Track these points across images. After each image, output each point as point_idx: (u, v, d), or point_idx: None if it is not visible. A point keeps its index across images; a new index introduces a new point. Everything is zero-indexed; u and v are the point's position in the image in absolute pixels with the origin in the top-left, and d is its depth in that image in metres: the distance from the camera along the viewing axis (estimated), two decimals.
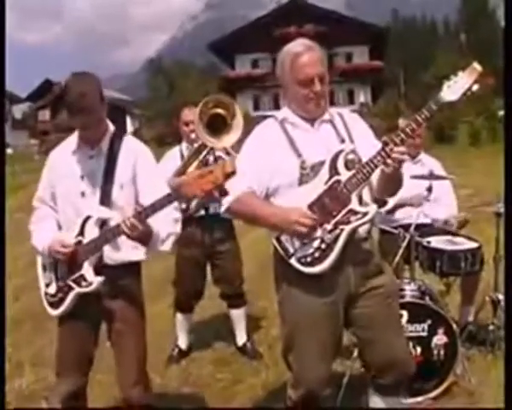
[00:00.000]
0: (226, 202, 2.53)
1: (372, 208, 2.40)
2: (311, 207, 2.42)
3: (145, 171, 2.68)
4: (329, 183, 2.43)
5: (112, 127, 2.72)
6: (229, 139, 3.70)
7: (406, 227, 3.89)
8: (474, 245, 3.86)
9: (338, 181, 2.42)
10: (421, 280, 3.80)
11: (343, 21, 42.56)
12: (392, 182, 2.46)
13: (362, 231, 2.49)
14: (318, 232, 2.41)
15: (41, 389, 3.88)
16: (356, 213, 2.38)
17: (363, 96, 41.85)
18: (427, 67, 40.08)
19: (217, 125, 3.68)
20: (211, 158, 3.96)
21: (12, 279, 6.46)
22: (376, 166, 2.34)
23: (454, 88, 2.28)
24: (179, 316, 4.46)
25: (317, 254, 2.42)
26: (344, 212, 2.39)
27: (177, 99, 31.85)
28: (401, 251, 3.77)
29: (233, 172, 2.30)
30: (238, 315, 4.46)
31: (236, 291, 4.38)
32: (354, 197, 2.39)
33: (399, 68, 45.05)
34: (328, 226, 2.40)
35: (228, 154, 3.97)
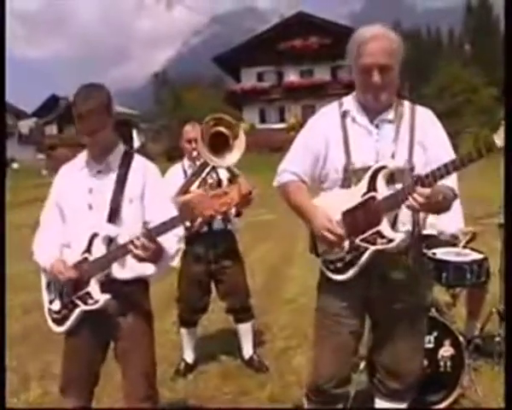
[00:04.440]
0: (277, 181, 2.63)
1: (400, 236, 2.34)
2: (344, 215, 2.43)
3: (153, 189, 2.70)
4: (366, 197, 2.40)
5: (121, 145, 2.74)
6: (231, 158, 3.70)
7: None
8: (479, 257, 3.84)
9: (373, 198, 2.38)
10: None
11: (348, 33, 42.13)
12: (433, 209, 2.37)
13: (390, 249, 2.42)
14: (345, 244, 2.42)
15: (48, 404, 3.87)
16: (382, 236, 2.35)
17: None
18: (432, 79, 40.03)
19: (219, 144, 3.68)
20: (213, 176, 3.97)
21: (22, 293, 6.49)
22: (410, 196, 2.27)
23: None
24: (183, 331, 4.47)
25: (339, 265, 2.47)
26: (372, 231, 2.37)
27: (182, 113, 31.95)
28: None
29: (249, 194, 2.30)
30: (245, 329, 4.45)
31: (243, 306, 4.37)
32: (385, 219, 2.35)
33: (404, 80, 45.09)
34: (356, 240, 2.40)
35: (230, 172, 3.98)
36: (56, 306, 2.70)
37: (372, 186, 2.38)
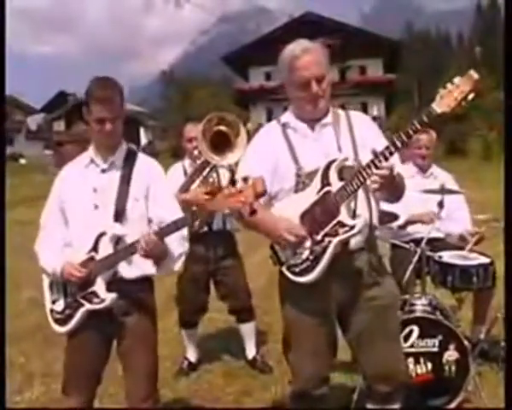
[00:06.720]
0: None
1: (360, 221, 2.35)
2: (302, 216, 2.44)
3: (158, 188, 2.70)
4: (321, 193, 2.42)
5: (124, 143, 2.74)
6: (232, 157, 3.69)
7: (418, 242, 3.86)
8: (486, 260, 3.81)
9: (329, 192, 2.40)
10: (432, 295, 3.77)
11: (357, 34, 42.46)
12: (390, 189, 2.38)
13: (354, 242, 2.45)
14: (308, 243, 2.41)
15: (51, 402, 3.86)
16: (344, 225, 2.35)
17: (376, 110, 41.69)
18: (441, 81, 39.89)
19: (220, 143, 3.67)
20: (214, 175, 3.96)
21: (27, 291, 6.51)
22: (365, 180, 2.30)
23: (448, 98, 2.16)
24: (184, 332, 4.47)
25: (305, 265, 2.43)
26: (332, 224, 2.37)
27: (190, 111, 31.97)
28: (412, 266, 3.73)
29: (264, 192, 2.30)
30: (247, 329, 4.45)
31: (244, 306, 4.36)
32: (343, 209, 2.37)
33: (413, 81, 44.98)
34: (318, 237, 2.39)
35: (231, 171, 3.96)
36: (59, 306, 2.69)
37: (325, 181, 2.42)
